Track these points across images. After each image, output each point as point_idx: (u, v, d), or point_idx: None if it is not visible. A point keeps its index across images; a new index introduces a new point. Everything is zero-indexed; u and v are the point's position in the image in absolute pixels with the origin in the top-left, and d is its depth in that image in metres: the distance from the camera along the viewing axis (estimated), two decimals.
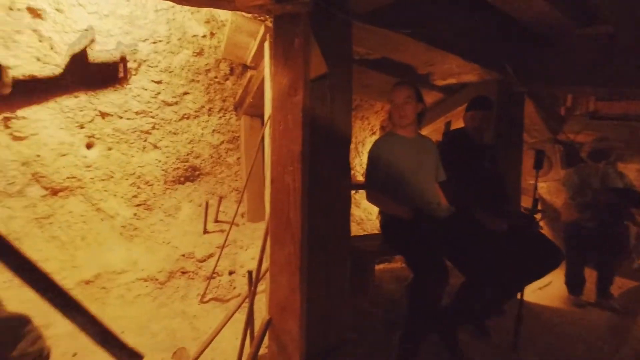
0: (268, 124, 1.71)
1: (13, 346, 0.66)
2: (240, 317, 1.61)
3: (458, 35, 2.08)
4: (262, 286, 1.78)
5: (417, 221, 1.67)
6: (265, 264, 1.54)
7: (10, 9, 1.61)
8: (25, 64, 1.68)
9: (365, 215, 3.37)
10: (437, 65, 2.42)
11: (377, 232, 3.33)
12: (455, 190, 1.97)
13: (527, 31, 2.22)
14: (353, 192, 3.34)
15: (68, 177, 1.85)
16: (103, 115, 1.99)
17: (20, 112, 1.69)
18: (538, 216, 2.01)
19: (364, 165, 3.74)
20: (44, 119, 1.77)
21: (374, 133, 3.62)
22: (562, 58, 2.35)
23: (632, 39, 2.06)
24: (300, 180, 1.31)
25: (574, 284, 2.65)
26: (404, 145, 1.82)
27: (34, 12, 1.70)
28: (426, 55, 2.21)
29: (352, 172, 3.69)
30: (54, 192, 1.82)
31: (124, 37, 1.93)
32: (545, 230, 3.72)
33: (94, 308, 1.68)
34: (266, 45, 1.78)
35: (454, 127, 3.35)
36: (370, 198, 1.84)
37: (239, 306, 1.55)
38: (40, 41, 1.71)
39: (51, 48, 1.74)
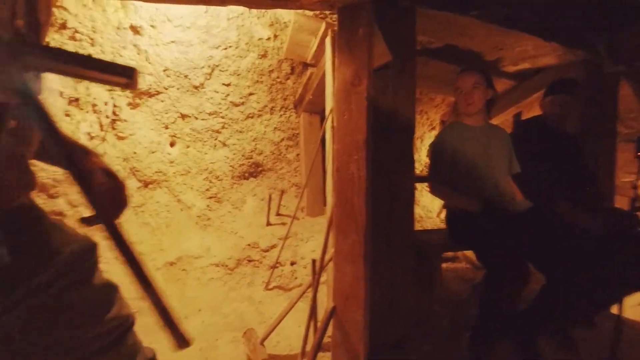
0: (329, 117, 1.74)
1: (108, 309, 0.71)
2: (302, 306, 1.66)
3: (535, 11, 1.87)
4: (323, 277, 1.81)
5: (488, 213, 1.55)
6: (327, 255, 1.57)
7: (118, 28, 1.93)
8: None
9: (424, 212, 3.22)
10: (508, 49, 2.22)
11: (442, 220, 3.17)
12: (533, 183, 1.78)
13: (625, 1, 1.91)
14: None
15: (156, 172, 2.12)
16: (183, 116, 2.24)
17: (122, 115, 1.99)
18: None
19: (422, 161, 3.58)
20: (139, 121, 2.06)
21: (433, 128, 3.45)
22: None
23: None
24: (364, 169, 1.31)
25: None
26: (471, 134, 1.71)
27: (135, 30, 2.00)
28: (496, 39, 2.04)
29: None
30: (146, 185, 2.10)
31: (202, 45, 2.15)
32: None
33: (176, 287, 1.89)
34: (327, 40, 1.82)
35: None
36: (434, 190, 1.76)
37: (303, 293, 1.60)
38: (138, 54, 2.00)
39: (146, 59, 2.03)
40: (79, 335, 0.66)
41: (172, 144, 2.23)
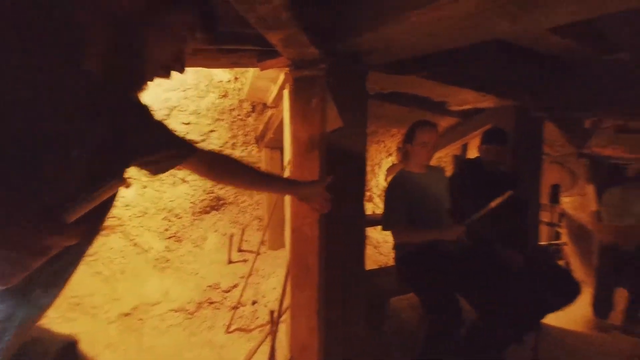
0: (287, 169, 1.82)
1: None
2: (264, 349, 1.72)
3: (474, 69, 2.11)
4: (284, 316, 1.88)
5: (432, 256, 1.73)
6: (285, 301, 1.64)
7: None
8: None
9: (382, 237, 3.42)
10: (452, 96, 2.46)
11: (392, 258, 3.38)
12: (469, 223, 2.00)
13: (546, 60, 2.22)
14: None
15: (110, 217, 2.05)
16: None
17: None
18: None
19: (380, 186, 3.79)
20: None
21: (390, 155, 3.67)
22: (581, 84, 2.33)
23: None
24: (317, 230, 1.41)
25: (601, 307, 2.60)
26: (419, 180, 1.89)
27: None
28: (441, 90, 2.26)
29: (369, 193, 3.76)
30: None
31: (157, 88, 2.12)
32: (570, 247, 3.62)
33: (132, 338, 1.84)
34: (285, 92, 1.89)
35: (471, 149, 3.35)
36: (397, 235, 1.86)
37: (261, 342, 1.66)
38: None
39: None
40: None
41: (127, 186, 2.17)
